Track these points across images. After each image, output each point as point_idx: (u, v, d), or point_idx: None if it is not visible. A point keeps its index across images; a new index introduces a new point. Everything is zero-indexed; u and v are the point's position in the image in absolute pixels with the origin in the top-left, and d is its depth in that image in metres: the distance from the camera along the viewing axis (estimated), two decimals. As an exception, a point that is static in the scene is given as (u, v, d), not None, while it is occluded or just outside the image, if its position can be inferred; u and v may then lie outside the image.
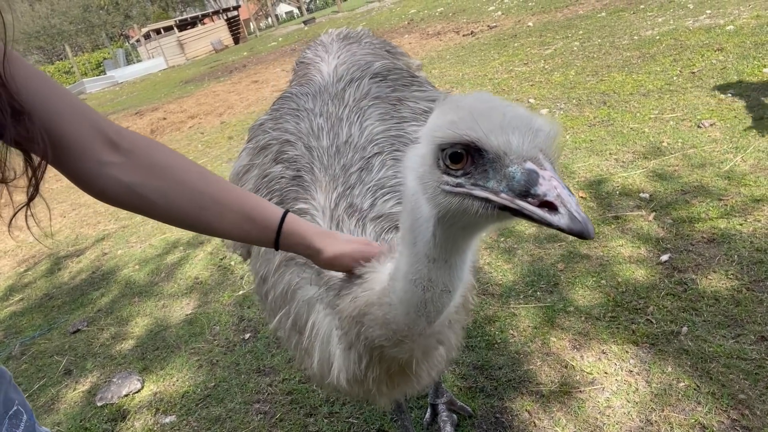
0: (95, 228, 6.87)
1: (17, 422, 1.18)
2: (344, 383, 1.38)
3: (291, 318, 1.56)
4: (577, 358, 2.72)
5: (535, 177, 0.84)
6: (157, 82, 25.16)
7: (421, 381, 1.41)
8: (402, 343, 1.19)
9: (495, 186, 0.88)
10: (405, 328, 1.15)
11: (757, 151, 3.96)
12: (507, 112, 0.89)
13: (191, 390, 3.30)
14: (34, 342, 4.39)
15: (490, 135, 0.87)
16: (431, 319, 1.13)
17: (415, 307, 1.11)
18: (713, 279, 2.94)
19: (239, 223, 1.24)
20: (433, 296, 1.08)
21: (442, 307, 1.11)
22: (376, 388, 1.37)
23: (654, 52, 6.69)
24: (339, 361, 1.36)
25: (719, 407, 2.26)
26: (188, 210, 1.20)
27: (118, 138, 1.15)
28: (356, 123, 1.75)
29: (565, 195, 0.82)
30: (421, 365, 1.32)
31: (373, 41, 2.36)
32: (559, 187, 0.83)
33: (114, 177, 1.14)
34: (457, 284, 1.09)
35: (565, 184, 0.84)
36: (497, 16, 12.74)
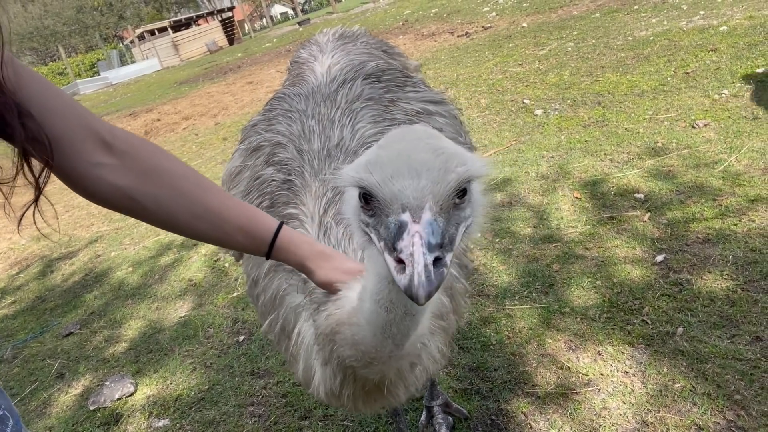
0: (88, 230, 6.83)
1: (3, 427, 1.15)
2: (323, 396, 1.37)
3: (280, 323, 1.55)
4: (573, 360, 2.71)
5: (402, 231, 0.83)
6: (151, 84, 25.08)
7: (399, 398, 1.38)
8: (371, 364, 1.17)
9: (383, 233, 0.89)
10: (373, 350, 1.14)
11: (751, 151, 3.96)
12: (414, 155, 0.87)
13: (185, 393, 3.27)
14: (26, 345, 4.35)
15: (380, 183, 0.86)
16: (398, 342, 1.11)
17: (380, 329, 1.09)
18: (708, 279, 2.94)
19: (233, 234, 1.22)
20: (396, 318, 1.06)
21: (407, 330, 1.09)
22: (352, 404, 1.35)
23: (648, 53, 6.70)
24: (318, 374, 1.35)
25: (715, 408, 2.26)
26: (181, 218, 1.18)
27: (111, 138, 1.12)
28: (348, 126, 1.73)
29: (418, 254, 0.79)
30: (397, 385, 1.30)
31: (370, 41, 2.34)
32: (416, 245, 0.80)
33: (106, 179, 1.12)
34: (417, 308, 1.06)
35: (431, 240, 0.81)
36: (492, 17, 12.75)
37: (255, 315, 3.85)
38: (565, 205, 4.07)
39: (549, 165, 4.74)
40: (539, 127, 5.65)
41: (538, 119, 5.87)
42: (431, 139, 0.92)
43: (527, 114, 6.12)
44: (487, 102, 6.93)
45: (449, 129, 1.87)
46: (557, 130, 5.43)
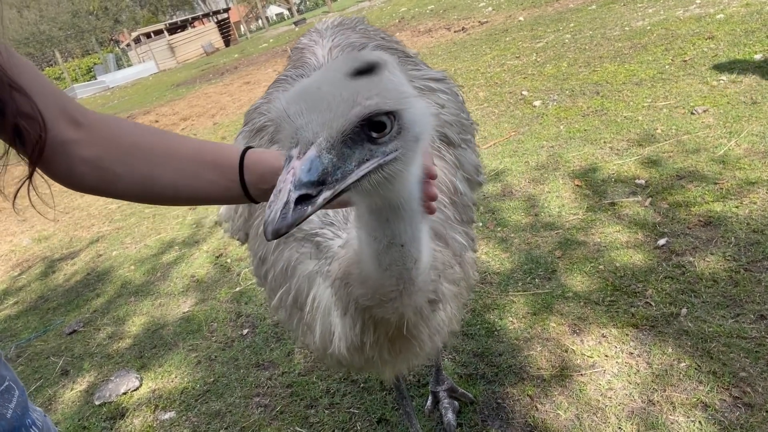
0: (89, 230, 6.83)
1: (9, 397, 1.16)
2: (345, 352, 1.36)
3: (292, 294, 1.55)
4: (577, 343, 2.72)
5: (285, 166, 0.82)
6: (148, 86, 25.07)
7: (424, 346, 1.38)
8: (384, 302, 1.17)
9: None
10: (379, 286, 1.14)
11: (750, 135, 3.97)
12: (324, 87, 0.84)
13: (190, 386, 3.27)
14: (30, 344, 4.35)
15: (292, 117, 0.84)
16: (397, 275, 1.11)
17: (377, 262, 1.09)
18: (711, 261, 2.95)
19: (202, 173, 1.16)
20: (383, 248, 1.07)
21: (400, 261, 1.09)
22: (377, 355, 1.34)
23: (645, 42, 6.70)
24: (338, 329, 1.35)
25: (721, 385, 2.26)
26: (149, 172, 1.14)
27: (80, 116, 1.12)
28: None
29: (284, 192, 0.79)
30: (419, 327, 1.29)
31: (368, 28, 2.35)
32: (285, 183, 0.79)
33: (77, 154, 1.11)
34: (405, 238, 1.06)
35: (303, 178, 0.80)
36: (488, 12, 12.75)
37: (258, 309, 3.86)
38: (565, 192, 4.07)
39: (549, 154, 4.74)
40: (538, 118, 5.65)
41: (536, 110, 5.88)
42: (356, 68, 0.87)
43: (526, 105, 6.12)
44: (485, 95, 6.93)
45: (451, 105, 1.87)
46: (556, 120, 5.43)
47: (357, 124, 0.83)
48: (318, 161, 0.81)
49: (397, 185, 0.96)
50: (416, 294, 1.18)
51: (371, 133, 0.86)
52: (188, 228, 5.76)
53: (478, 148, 2.19)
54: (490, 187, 4.45)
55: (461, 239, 1.61)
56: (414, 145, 0.92)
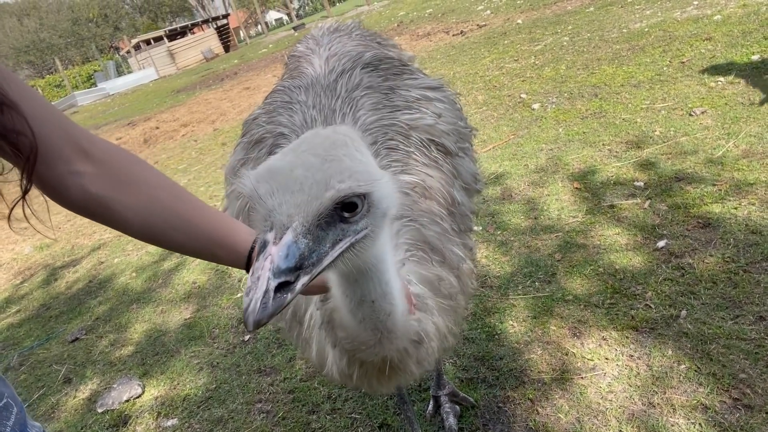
0: (91, 238, 6.85)
1: (7, 414, 1.16)
2: (338, 377, 1.39)
3: (291, 309, 1.56)
4: (578, 346, 2.72)
5: (261, 251, 0.83)
6: (148, 93, 25.13)
7: (413, 373, 1.39)
8: (362, 348, 1.20)
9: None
10: (356, 334, 1.17)
11: (748, 136, 3.98)
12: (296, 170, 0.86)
13: (192, 393, 3.28)
14: (33, 352, 4.36)
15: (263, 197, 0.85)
16: (373, 327, 1.14)
17: (352, 315, 1.13)
18: (710, 262, 2.95)
19: (210, 247, 1.20)
20: (354, 305, 1.10)
21: (374, 316, 1.12)
22: (366, 383, 1.37)
23: (643, 44, 6.72)
24: (330, 356, 1.37)
25: (721, 387, 2.27)
26: (157, 228, 1.16)
27: (89, 146, 1.11)
28: (349, 114, 1.75)
29: (263, 279, 0.79)
30: (405, 362, 1.31)
31: (364, 33, 2.36)
32: (264, 270, 0.80)
33: (83, 187, 1.10)
34: (374, 296, 1.09)
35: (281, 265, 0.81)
36: (486, 15, 12.78)
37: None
38: (564, 195, 4.08)
39: (548, 157, 4.76)
40: (537, 121, 5.67)
41: (535, 113, 5.89)
42: (325, 149, 0.89)
43: (525, 108, 6.13)
44: (484, 98, 6.95)
45: (448, 114, 1.88)
46: (555, 123, 5.44)
47: (331, 206, 0.86)
48: (295, 246, 0.82)
49: (367, 256, 0.99)
50: (397, 340, 1.21)
51: (343, 214, 0.89)
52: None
53: (476, 154, 2.20)
54: (489, 191, 4.47)
55: (459, 251, 1.63)
56: (382, 220, 0.96)
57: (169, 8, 68.33)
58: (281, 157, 0.91)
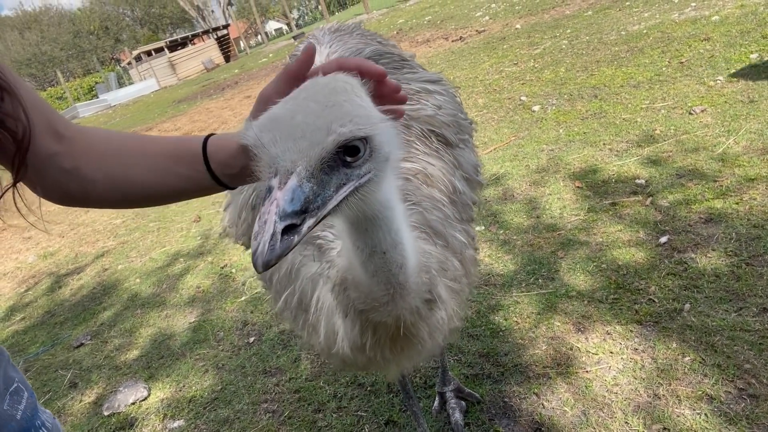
0: (94, 246, 6.87)
1: (19, 398, 1.18)
2: (348, 352, 1.39)
3: (296, 296, 1.57)
4: (582, 340, 2.73)
5: (266, 197, 0.84)
6: (149, 103, 25.25)
7: (425, 344, 1.40)
8: (377, 306, 1.21)
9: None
10: (369, 290, 1.18)
11: (748, 133, 4.00)
12: (297, 116, 0.87)
13: (198, 394, 3.29)
14: (38, 358, 4.37)
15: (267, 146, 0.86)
16: (386, 281, 1.15)
17: (364, 269, 1.14)
18: (713, 257, 2.96)
19: (171, 167, 1.15)
20: (366, 257, 1.11)
21: (387, 268, 1.14)
22: (379, 354, 1.37)
23: (642, 46, 6.76)
24: (341, 330, 1.38)
25: (725, 378, 2.27)
26: (119, 174, 1.15)
27: (63, 129, 1.13)
28: None
29: (269, 222, 0.80)
30: (418, 326, 1.32)
31: (364, 33, 2.39)
32: (270, 214, 0.81)
33: (59, 166, 1.12)
34: (386, 246, 1.10)
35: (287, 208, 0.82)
36: (485, 21, 12.85)
37: (264, 317, 3.88)
38: (566, 194, 4.10)
39: (549, 157, 4.78)
40: (537, 123, 5.69)
41: (535, 115, 5.92)
42: (326, 96, 0.90)
43: (525, 110, 6.16)
44: (484, 101, 6.98)
45: (449, 106, 1.90)
46: (555, 124, 5.47)
47: (333, 151, 0.87)
48: (300, 190, 0.84)
49: (372, 201, 1.00)
50: (409, 296, 1.22)
51: (346, 158, 0.90)
52: (192, 240, 5.80)
53: (476, 149, 2.22)
54: (491, 191, 4.49)
55: (461, 237, 1.64)
56: (385, 164, 0.97)
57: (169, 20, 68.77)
58: (282, 105, 0.91)
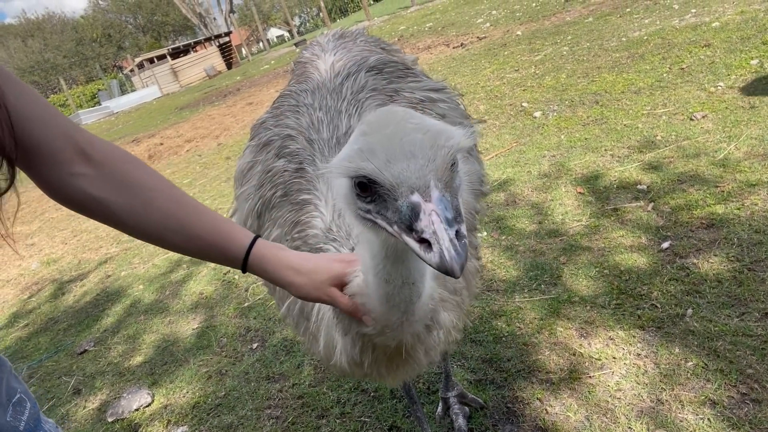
0: (97, 252, 6.89)
1: (21, 409, 1.18)
2: (346, 366, 1.41)
3: (298, 305, 1.59)
4: (585, 346, 2.74)
5: (417, 212, 0.86)
6: (152, 110, 25.34)
7: (420, 363, 1.42)
8: (384, 332, 1.23)
9: (391, 216, 0.91)
10: (383, 319, 1.20)
11: (749, 138, 4.01)
12: (405, 137, 0.90)
13: (202, 400, 3.30)
14: (42, 365, 4.39)
15: (381, 169, 0.89)
16: (404, 309, 1.17)
17: (384, 299, 1.15)
18: (714, 262, 2.97)
19: (206, 249, 1.23)
20: (395, 288, 1.12)
21: (409, 297, 1.15)
22: (376, 371, 1.39)
23: (643, 52, 6.79)
24: (339, 345, 1.40)
25: (728, 383, 2.28)
26: (154, 231, 1.19)
27: (90, 149, 1.13)
28: (355, 115, 1.80)
29: (441, 231, 0.83)
30: (416, 349, 1.34)
31: (368, 39, 2.42)
32: (436, 223, 0.84)
33: (82, 189, 1.12)
34: (416, 275, 1.12)
35: (447, 215, 0.85)
36: (486, 28, 12.90)
37: (267, 323, 3.89)
38: (568, 200, 4.11)
39: (550, 163, 4.80)
40: (539, 129, 5.71)
41: (537, 121, 5.94)
42: (414, 118, 0.94)
43: (526, 116, 6.19)
44: (486, 108, 7.01)
45: (453, 113, 1.93)
46: (557, 130, 5.49)
47: (450, 163, 0.91)
48: (446, 200, 0.87)
49: None
50: (415, 323, 1.24)
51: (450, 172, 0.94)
52: (195, 246, 5.80)
53: (481, 155, 2.24)
54: (494, 197, 4.50)
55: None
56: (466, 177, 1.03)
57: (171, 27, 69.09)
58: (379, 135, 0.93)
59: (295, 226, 1.66)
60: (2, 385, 1.17)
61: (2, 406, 1.14)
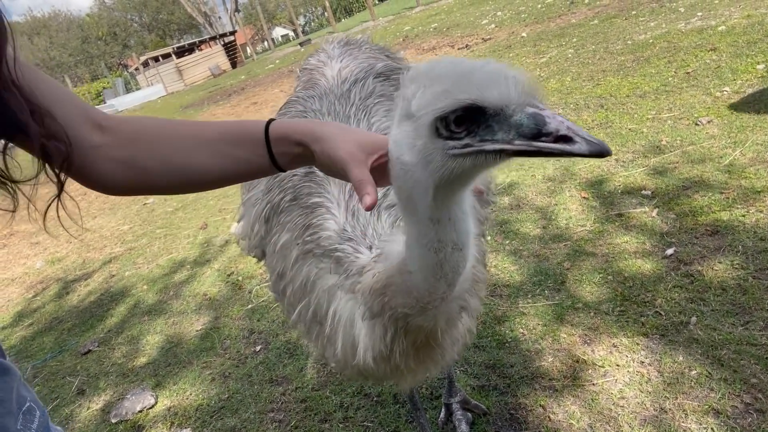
0: (102, 252, 6.92)
1: (31, 418, 1.18)
2: (371, 362, 1.40)
3: (311, 309, 1.59)
4: (588, 353, 2.74)
5: (541, 118, 0.89)
6: (157, 109, 25.40)
7: (445, 354, 1.43)
8: (425, 310, 1.22)
9: (505, 137, 0.93)
10: (426, 294, 1.18)
11: (755, 144, 4.00)
12: (486, 69, 0.94)
13: (205, 403, 3.31)
14: (46, 365, 4.40)
15: (487, 92, 0.91)
16: (450, 281, 1.16)
17: (432, 271, 1.14)
18: (719, 269, 2.97)
19: (229, 152, 1.19)
20: (446, 256, 1.12)
21: (458, 265, 1.14)
22: (403, 363, 1.38)
23: (648, 55, 6.77)
24: (365, 340, 1.39)
25: (732, 392, 2.28)
26: (178, 160, 1.18)
27: (104, 121, 1.17)
28: (363, 120, 1.80)
29: (574, 126, 0.87)
30: (445, 336, 1.34)
31: (372, 47, 2.42)
32: (566, 121, 0.88)
33: (106, 158, 1.15)
34: (464, 239, 1.12)
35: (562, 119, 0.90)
36: (491, 29, 12.89)
37: (271, 325, 3.90)
38: (572, 205, 4.11)
39: (555, 167, 4.79)
40: (543, 132, 5.70)
41: (542, 124, 5.93)
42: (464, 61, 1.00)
43: (531, 120, 6.17)
44: (490, 110, 7.00)
45: None
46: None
47: None
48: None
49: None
50: (453, 301, 1.24)
51: None
52: (199, 247, 5.83)
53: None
54: (498, 200, 4.50)
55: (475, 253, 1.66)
56: None
57: (176, 26, 69.24)
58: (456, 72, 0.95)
59: (307, 229, 1.66)
60: (12, 394, 1.17)
61: (12, 415, 1.15)
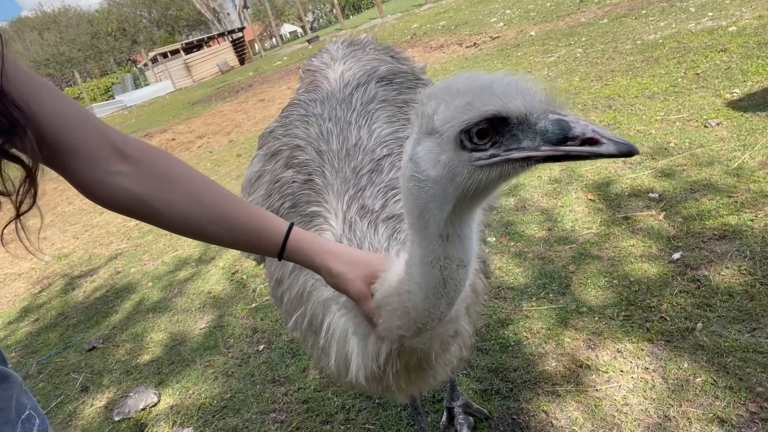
0: (108, 248, 6.94)
1: (30, 426, 1.17)
2: (363, 381, 1.39)
3: (307, 318, 1.58)
4: (592, 358, 2.71)
5: (566, 123, 0.91)
6: (165, 105, 25.47)
7: (437, 376, 1.41)
8: (421, 331, 1.21)
9: (531, 144, 0.94)
10: (425, 314, 1.17)
11: (765, 147, 3.95)
12: (505, 80, 0.96)
13: (208, 402, 3.31)
14: (51, 361, 4.42)
15: (510, 102, 0.93)
16: (450, 299, 1.15)
17: (434, 290, 1.13)
18: (726, 275, 2.93)
19: (245, 238, 1.26)
20: (450, 273, 1.11)
21: (460, 283, 1.14)
22: (395, 384, 1.37)
23: (657, 56, 6.71)
24: (357, 359, 1.37)
25: (737, 401, 2.25)
26: (194, 222, 1.21)
27: (125, 146, 1.15)
28: (365, 126, 1.79)
29: (599, 128, 0.89)
30: (438, 358, 1.33)
31: (377, 47, 2.40)
32: (590, 124, 0.89)
33: (122, 186, 1.14)
34: (470, 257, 1.13)
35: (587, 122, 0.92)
36: (499, 27, 12.83)
37: (274, 324, 3.90)
38: (578, 207, 4.08)
39: (561, 168, 4.75)
40: (551, 132, 5.66)
41: (549, 124, 5.89)
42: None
43: (538, 120, 6.13)
44: (497, 110, 6.96)
45: None
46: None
47: None
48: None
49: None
50: (450, 323, 1.23)
51: None
52: (204, 245, 5.83)
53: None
54: (503, 201, 4.47)
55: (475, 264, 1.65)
56: None
57: (185, 22, 69.42)
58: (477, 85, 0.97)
59: None
60: (11, 402, 1.17)
61: (11, 423, 1.15)
